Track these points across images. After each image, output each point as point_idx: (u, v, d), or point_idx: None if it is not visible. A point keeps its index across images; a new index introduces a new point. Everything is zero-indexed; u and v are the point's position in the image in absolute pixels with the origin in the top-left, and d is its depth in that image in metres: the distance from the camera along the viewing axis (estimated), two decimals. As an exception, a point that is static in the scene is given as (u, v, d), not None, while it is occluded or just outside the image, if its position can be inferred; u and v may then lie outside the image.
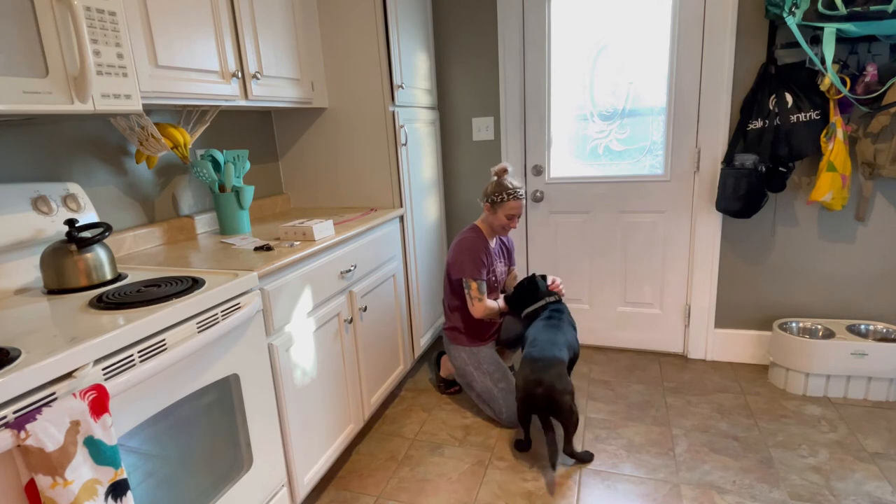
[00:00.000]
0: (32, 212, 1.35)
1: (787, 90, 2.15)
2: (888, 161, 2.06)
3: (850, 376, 2.19)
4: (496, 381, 2.13)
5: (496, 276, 2.25)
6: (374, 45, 2.15)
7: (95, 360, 0.94)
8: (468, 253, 2.13)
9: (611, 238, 2.69)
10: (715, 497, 1.69)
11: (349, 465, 1.97)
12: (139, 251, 1.73)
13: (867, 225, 2.29)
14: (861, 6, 1.89)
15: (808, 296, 2.45)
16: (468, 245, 2.15)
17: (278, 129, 2.42)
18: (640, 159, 2.57)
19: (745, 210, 2.25)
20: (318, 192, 2.45)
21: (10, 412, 0.80)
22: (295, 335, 1.56)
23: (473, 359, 2.20)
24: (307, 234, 1.71)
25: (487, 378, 2.15)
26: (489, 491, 1.79)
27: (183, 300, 1.14)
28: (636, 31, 2.43)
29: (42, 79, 1.07)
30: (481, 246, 2.15)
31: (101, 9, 1.17)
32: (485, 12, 2.60)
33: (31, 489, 0.82)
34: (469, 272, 2.12)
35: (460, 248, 2.16)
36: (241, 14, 1.72)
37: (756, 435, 2.00)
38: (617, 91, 2.53)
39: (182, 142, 1.68)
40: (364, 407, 2.01)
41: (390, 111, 2.22)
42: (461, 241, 2.18)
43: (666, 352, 2.75)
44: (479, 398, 2.19)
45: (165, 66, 1.46)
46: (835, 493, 1.68)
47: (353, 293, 1.90)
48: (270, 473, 1.46)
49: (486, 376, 2.16)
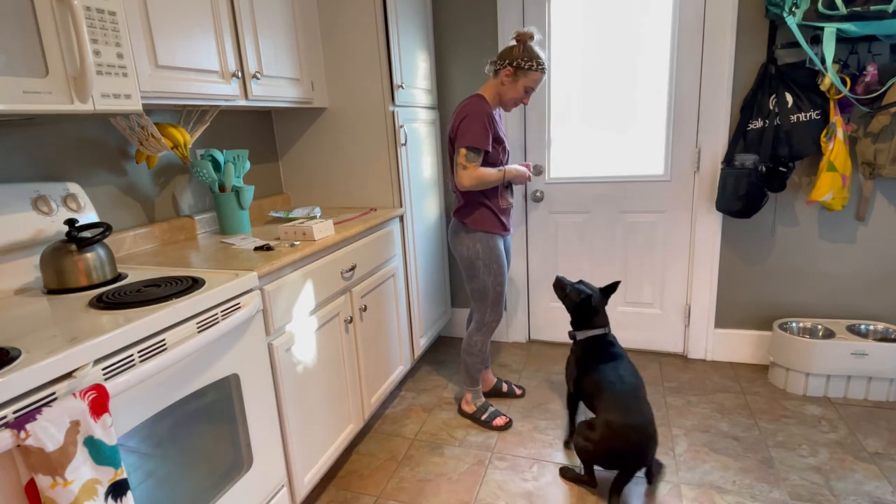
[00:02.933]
0: (32, 212, 1.35)
1: (787, 90, 2.15)
2: (888, 161, 2.06)
3: (850, 376, 2.19)
4: (496, 284, 2.04)
5: (507, 148, 2.00)
6: (374, 45, 2.15)
7: (95, 360, 0.94)
8: (476, 119, 1.86)
9: (611, 238, 2.69)
10: (715, 497, 1.69)
11: (349, 465, 1.97)
12: (139, 251, 1.73)
13: (867, 225, 2.29)
14: (861, 6, 1.89)
15: (808, 296, 2.45)
16: (475, 109, 1.87)
17: (278, 129, 2.42)
18: (639, 159, 2.57)
19: (745, 210, 2.24)
20: (318, 192, 2.45)
21: (10, 412, 0.80)
22: (295, 335, 1.56)
23: (487, 252, 2.00)
24: (307, 234, 1.71)
25: (490, 279, 2.03)
26: (489, 491, 1.79)
27: (183, 300, 1.14)
28: (636, 30, 2.43)
29: (42, 79, 1.07)
30: (490, 112, 1.90)
31: (101, 9, 1.17)
32: (485, 12, 2.60)
33: (31, 489, 0.82)
34: (471, 139, 1.86)
35: (467, 112, 1.89)
36: (241, 14, 1.72)
37: (756, 435, 2.00)
38: (617, 91, 2.53)
39: (182, 142, 1.68)
40: (364, 407, 2.01)
41: (390, 111, 2.22)
42: (467, 105, 1.90)
43: (666, 352, 2.75)
44: (475, 292, 2.07)
45: (165, 65, 1.46)
46: (835, 493, 1.68)
47: (353, 293, 1.90)
48: (270, 473, 1.45)
49: (489, 277, 2.03)
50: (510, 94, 1.91)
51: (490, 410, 2.18)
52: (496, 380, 2.40)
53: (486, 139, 1.87)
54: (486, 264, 2.02)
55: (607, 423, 1.62)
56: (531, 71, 1.86)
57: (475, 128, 1.86)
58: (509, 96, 1.92)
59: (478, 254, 2.02)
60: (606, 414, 1.64)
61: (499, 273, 2.05)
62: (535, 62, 1.86)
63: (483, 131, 1.87)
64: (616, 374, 1.73)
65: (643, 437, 1.59)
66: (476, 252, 2.02)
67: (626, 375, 1.72)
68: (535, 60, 1.86)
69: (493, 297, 2.07)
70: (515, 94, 1.91)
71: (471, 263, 2.04)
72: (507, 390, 2.38)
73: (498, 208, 2.01)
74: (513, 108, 1.98)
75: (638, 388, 1.69)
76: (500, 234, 2.04)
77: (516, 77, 1.88)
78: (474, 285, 2.07)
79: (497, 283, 2.05)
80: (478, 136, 1.86)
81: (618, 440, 1.59)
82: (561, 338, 2.93)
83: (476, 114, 1.87)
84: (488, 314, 2.09)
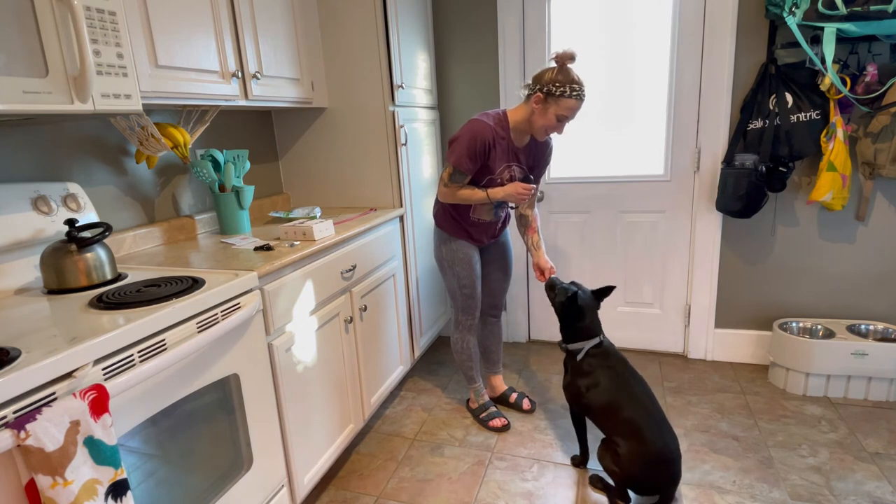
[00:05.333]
0: (32, 212, 1.35)
1: (787, 90, 2.15)
2: (888, 161, 2.06)
3: (850, 376, 2.19)
4: (462, 286, 2.04)
5: (500, 180, 1.88)
6: (374, 44, 2.15)
7: (95, 360, 0.94)
8: (467, 142, 1.77)
9: (611, 238, 2.69)
10: (715, 497, 1.69)
11: (349, 465, 1.97)
12: (139, 251, 1.73)
13: (867, 225, 2.29)
14: (861, 6, 1.89)
15: (808, 296, 2.45)
16: (474, 131, 1.77)
17: (278, 129, 2.42)
18: (639, 159, 2.57)
19: (745, 210, 2.24)
20: (318, 192, 2.45)
21: (10, 412, 0.80)
22: (295, 335, 1.56)
23: (449, 253, 2.00)
24: (307, 234, 1.71)
25: (455, 281, 2.03)
26: (489, 491, 1.79)
27: (183, 300, 1.14)
28: (636, 30, 2.43)
29: (42, 79, 1.07)
30: (489, 138, 1.77)
31: (101, 9, 1.17)
32: (485, 12, 2.60)
33: (31, 489, 0.82)
34: (454, 160, 1.79)
35: (466, 130, 1.79)
36: (240, 14, 1.72)
37: (756, 435, 2.00)
38: (617, 90, 2.53)
39: (182, 142, 1.68)
40: (364, 407, 2.01)
41: (390, 111, 2.21)
42: (471, 123, 1.80)
43: (666, 352, 2.75)
44: (448, 291, 2.10)
45: (165, 65, 1.46)
46: (835, 493, 1.68)
47: (353, 293, 1.90)
48: (270, 473, 1.45)
49: (454, 279, 2.03)
50: (540, 123, 1.73)
51: (490, 410, 2.18)
52: (506, 388, 2.32)
53: (467, 164, 1.79)
54: (451, 266, 2.02)
55: (634, 456, 1.55)
56: (563, 98, 1.65)
57: (460, 150, 1.78)
58: (539, 124, 1.74)
59: (443, 255, 2.04)
60: (629, 443, 1.56)
61: (464, 276, 2.01)
62: (569, 88, 1.64)
63: (467, 155, 1.77)
64: (629, 392, 1.62)
65: (674, 467, 1.55)
66: (441, 253, 2.05)
67: (641, 394, 1.61)
68: (568, 86, 1.64)
69: (461, 298, 2.07)
70: (546, 123, 1.72)
71: (439, 263, 2.09)
72: (514, 401, 2.27)
73: (465, 220, 1.96)
74: (544, 137, 1.81)
75: (656, 410, 1.60)
76: (464, 240, 2.00)
77: (546, 104, 1.69)
78: (446, 285, 2.11)
79: (463, 286, 2.04)
80: (461, 160, 1.79)
81: (649, 474, 1.54)
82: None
83: (469, 136, 1.77)
84: (460, 314, 2.11)
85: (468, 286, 2.04)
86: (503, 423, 2.13)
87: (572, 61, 1.67)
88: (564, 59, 1.67)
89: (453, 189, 1.86)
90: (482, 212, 1.97)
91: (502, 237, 2.15)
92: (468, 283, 2.03)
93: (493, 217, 2.00)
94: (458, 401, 2.38)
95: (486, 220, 1.99)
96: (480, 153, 1.79)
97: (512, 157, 1.86)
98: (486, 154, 1.80)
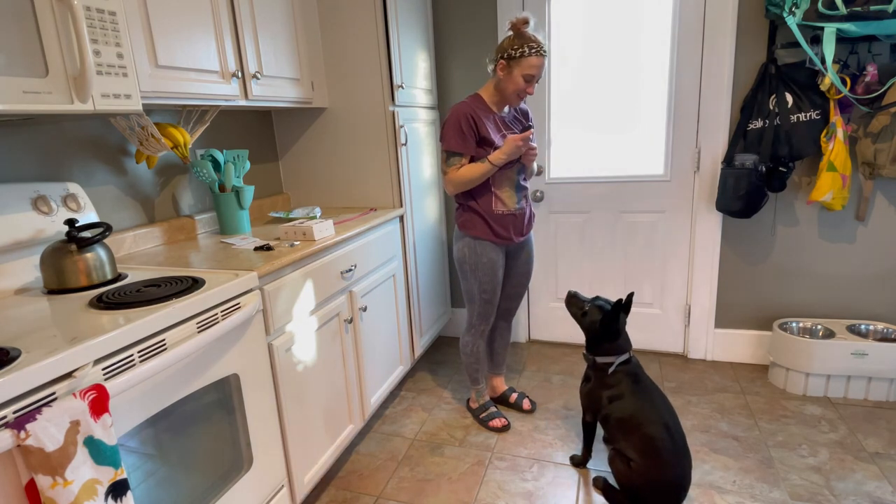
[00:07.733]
0: (32, 212, 1.35)
1: (787, 90, 2.15)
2: (888, 161, 2.06)
3: (850, 376, 2.19)
4: (482, 291, 2.02)
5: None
6: (374, 45, 2.15)
7: (95, 360, 0.94)
8: (451, 122, 1.85)
9: (611, 238, 2.69)
10: (715, 497, 1.69)
11: (349, 465, 1.97)
12: (139, 251, 1.73)
13: (867, 225, 2.29)
14: (861, 6, 1.89)
15: (808, 296, 2.45)
16: (453, 112, 1.85)
17: (278, 129, 2.42)
18: (639, 159, 2.57)
19: (745, 210, 2.24)
20: (318, 192, 2.45)
21: (10, 412, 0.80)
22: (295, 335, 1.56)
23: (473, 257, 1.98)
24: (307, 234, 1.71)
25: (476, 286, 2.01)
26: (489, 491, 1.79)
27: (183, 300, 1.14)
28: (636, 30, 2.43)
29: (42, 79, 1.07)
30: (470, 112, 1.83)
31: (101, 9, 1.17)
32: (485, 12, 2.60)
33: (31, 489, 0.82)
34: (445, 143, 1.86)
35: (448, 116, 1.87)
36: (240, 14, 1.72)
37: (756, 435, 2.00)
38: (617, 90, 2.53)
39: (182, 142, 1.68)
40: (364, 407, 2.01)
41: (390, 111, 2.22)
42: (451, 109, 1.88)
43: (666, 352, 2.75)
44: (465, 293, 2.07)
45: (165, 65, 1.46)
46: (835, 493, 1.68)
47: (352, 293, 1.90)
48: (270, 473, 1.46)
49: (476, 283, 2.01)
50: (510, 87, 1.82)
51: (490, 410, 2.18)
52: (506, 388, 2.33)
53: (458, 142, 1.84)
54: (473, 269, 2.00)
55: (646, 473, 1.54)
56: (524, 57, 1.75)
57: (448, 131, 1.86)
58: (510, 90, 1.82)
59: (465, 257, 2.00)
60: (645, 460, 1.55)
61: (486, 280, 1.99)
62: (526, 47, 1.74)
63: (455, 134, 1.84)
64: (655, 410, 1.59)
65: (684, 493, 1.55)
66: (464, 255, 2.01)
67: (666, 415, 1.59)
68: (526, 46, 1.74)
69: (479, 303, 2.04)
70: (515, 86, 1.80)
71: (460, 266, 2.05)
72: (515, 401, 2.27)
73: (489, 214, 1.93)
74: (519, 101, 1.87)
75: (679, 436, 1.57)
76: (491, 241, 1.96)
77: (510, 68, 1.78)
78: (464, 287, 2.08)
79: (483, 290, 2.02)
80: (450, 140, 1.85)
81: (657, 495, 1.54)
82: (561, 338, 2.93)
83: (453, 117, 1.85)
84: (475, 317, 2.09)
85: (489, 292, 2.02)
86: (503, 423, 2.13)
87: (527, 25, 1.77)
88: (519, 24, 1.77)
89: (454, 173, 1.88)
90: (502, 200, 1.93)
91: (528, 244, 2.10)
92: (489, 288, 2.02)
93: (517, 205, 1.95)
94: (459, 401, 2.38)
95: (511, 209, 1.94)
96: (467, 128, 1.83)
97: (504, 127, 1.92)
98: (473, 128, 1.84)
